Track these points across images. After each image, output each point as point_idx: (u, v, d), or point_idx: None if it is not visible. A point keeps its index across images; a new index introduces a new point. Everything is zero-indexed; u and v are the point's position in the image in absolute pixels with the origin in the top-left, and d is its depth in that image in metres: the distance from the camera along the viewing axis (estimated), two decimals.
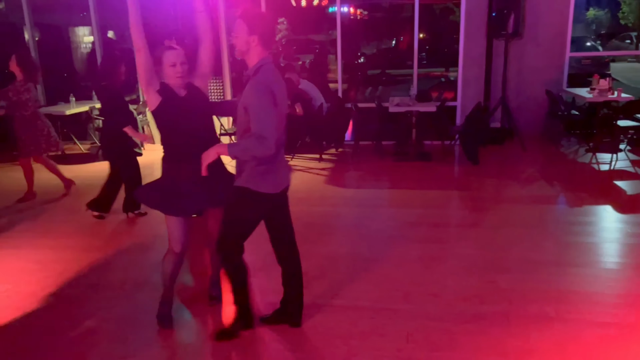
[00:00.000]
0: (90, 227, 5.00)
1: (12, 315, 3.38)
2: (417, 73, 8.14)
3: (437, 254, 4.11)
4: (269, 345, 2.99)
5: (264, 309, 3.30)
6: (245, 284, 2.98)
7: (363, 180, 6.43)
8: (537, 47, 7.76)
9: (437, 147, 7.39)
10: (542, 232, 4.50)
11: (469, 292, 3.48)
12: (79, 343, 3.07)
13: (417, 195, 5.61)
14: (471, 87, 8.01)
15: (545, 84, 7.74)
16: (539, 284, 3.55)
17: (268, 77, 2.60)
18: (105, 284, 3.81)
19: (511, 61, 7.75)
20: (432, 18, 15.18)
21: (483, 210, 5.14)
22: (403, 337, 2.99)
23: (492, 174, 6.39)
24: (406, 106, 6.92)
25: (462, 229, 4.70)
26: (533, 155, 7.02)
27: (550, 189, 5.71)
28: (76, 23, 14.55)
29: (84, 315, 3.37)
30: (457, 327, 3.08)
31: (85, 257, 4.26)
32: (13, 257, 4.34)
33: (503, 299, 3.36)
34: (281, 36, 14.92)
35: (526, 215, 4.90)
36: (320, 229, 4.76)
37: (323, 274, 3.81)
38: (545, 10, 7.64)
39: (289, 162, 7.11)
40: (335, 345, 2.94)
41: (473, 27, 7.80)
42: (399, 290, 3.54)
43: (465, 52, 7.94)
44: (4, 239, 4.75)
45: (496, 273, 3.73)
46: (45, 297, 3.62)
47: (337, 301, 3.41)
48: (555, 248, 4.16)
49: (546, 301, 3.32)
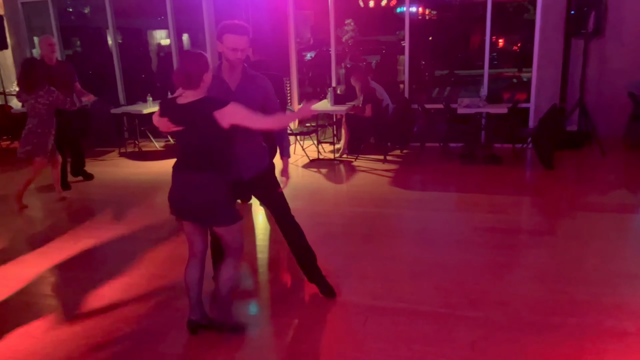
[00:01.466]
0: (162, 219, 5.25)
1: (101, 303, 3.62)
2: (487, 73, 7.89)
3: (507, 261, 3.97)
4: (332, 347, 3.01)
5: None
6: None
7: (429, 183, 6.32)
8: (620, 46, 7.30)
9: (508, 151, 7.13)
10: (621, 243, 4.23)
11: (540, 302, 3.33)
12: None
13: (486, 199, 5.44)
14: (546, 88, 7.65)
15: (629, 86, 7.27)
16: (617, 298, 3.34)
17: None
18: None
19: (591, 61, 7.34)
20: (505, 16, 14.64)
21: (557, 218, 4.91)
22: (468, 345, 2.92)
23: (568, 180, 6.09)
24: (476, 107, 6.73)
25: (534, 237, 4.51)
26: (613, 161, 6.61)
27: (631, 197, 5.36)
28: (154, 26, 15.32)
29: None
30: (526, 338, 2.96)
31: (158, 249, 4.47)
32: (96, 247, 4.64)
33: (577, 312, 3.19)
34: (348, 37, 14.96)
35: (605, 224, 4.62)
36: (383, 231, 4.73)
37: (386, 276, 3.78)
38: (629, 8, 7.17)
39: (353, 162, 7.12)
40: (399, 348, 2.91)
41: (550, 25, 7.45)
42: (465, 296, 3.45)
43: (541, 51, 7.61)
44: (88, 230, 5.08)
45: (570, 284, 3.55)
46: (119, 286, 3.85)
47: (400, 304, 3.38)
48: (634, 260, 3.89)
49: (625, 316, 3.12)
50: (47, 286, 3.93)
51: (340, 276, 3.73)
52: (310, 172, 6.87)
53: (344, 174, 6.77)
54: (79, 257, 4.41)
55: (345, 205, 5.55)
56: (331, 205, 5.56)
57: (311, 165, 7.19)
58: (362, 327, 3.15)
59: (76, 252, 4.48)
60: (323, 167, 7.06)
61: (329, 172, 6.81)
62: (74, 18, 12.44)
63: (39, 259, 4.37)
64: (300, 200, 5.72)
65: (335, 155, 7.51)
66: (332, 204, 5.61)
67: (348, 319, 3.26)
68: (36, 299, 3.69)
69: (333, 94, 7.53)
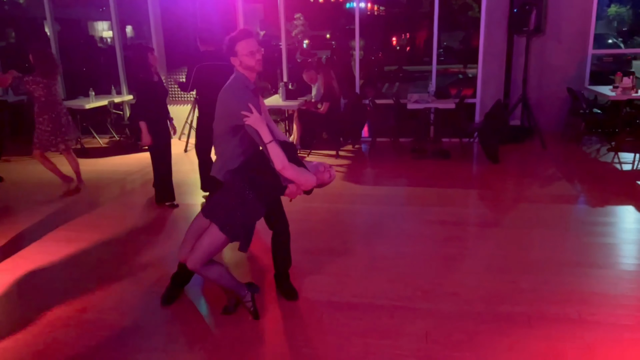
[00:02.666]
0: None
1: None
2: (435, 69, 8.05)
3: (457, 253, 4.07)
4: (286, 344, 2.99)
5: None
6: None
7: (380, 178, 6.39)
8: (559, 44, 7.64)
9: (456, 145, 7.32)
10: (563, 232, 4.43)
11: (489, 292, 3.44)
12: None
13: (436, 193, 5.56)
14: (491, 84, 7.90)
15: (567, 82, 7.62)
16: (561, 286, 3.49)
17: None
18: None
19: (532, 58, 7.63)
20: (450, 14, 15.03)
21: (503, 210, 5.08)
22: (422, 336, 2.96)
23: (512, 173, 6.31)
24: (425, 103, 6.86)
25: (482, 228, 4.64)
26: (554, 154, 6.92)
27: (572, 188, 5.62)
28: (95, 18, 14.73)
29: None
30: (478, 327, 3.04)
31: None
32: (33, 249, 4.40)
33: (524, 300, 3.32)
34: (297, 32, 14.92)
35: (547, 215, 4.83)
36: (337, 227, 4.74)
37: (341, 271, 3.79)
38: (567, 7, 7.51)
39: (305, 158, 7.09)
40: (353, 343, 2.93)
41: (494, 23, 7.69)
42: (418, 288, 3.51)
43: (485, 48, 7.84)
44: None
45: (517, 273, 3.68)
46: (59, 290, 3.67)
47: (354, 299, 3.40)
48: (576, 249, 4.09)
49: (568, 303, 3.26)
50: None
51: (295, 272, 3.70)
52: None
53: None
54: (16, 260, 4.17)
55: (297, 201, 5.48)
56: (283, 201, 5.50)
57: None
58: (318, 323, 3.14)
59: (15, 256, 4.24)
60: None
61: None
62: (8, 8, 11.76)
63: None
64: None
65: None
66: (284, 200, 5.55)
67: (304, 315, 3.25)
68: None
69: (285, 89, 7.47)
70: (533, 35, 7.39)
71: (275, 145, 2.81)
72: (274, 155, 2.80)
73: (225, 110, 2.92)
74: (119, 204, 5.52)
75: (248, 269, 3.93)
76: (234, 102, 2.85)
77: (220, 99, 2.94)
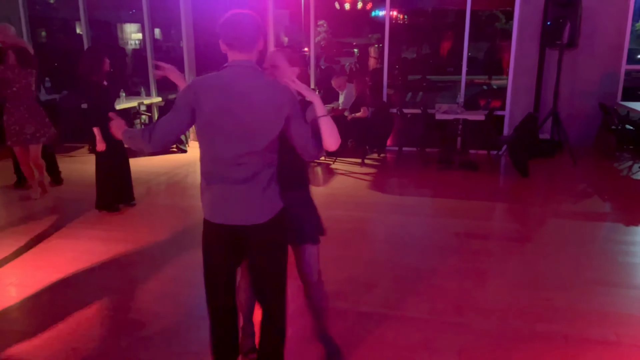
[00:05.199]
0: (140, 219, 5.09)
1: (58, 303, 3.46)
2: (465, 80, 7.99)
3: (488, 268, 4.00)
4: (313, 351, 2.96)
5: None
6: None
7: (406, 188, 6.35)
8: (592, 58, 7.53)
9: (483, 157, 7.23)
10: (596, 250, 4.33)
11: (523, 309, 3.37)
12: (128, 337, 3.11)
13: (463, 205, 5.49)
14: (521, 96, 7.81)
15: (599, 97, 7.50)
16: (597, 306, 3.41)
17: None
18: (155, 280, 3.86)
19: (564, 72, 7.53)
20: (476, 25, 14.94)
21: (532, 225, 5.00)
22: (455, 353, 2.91)
23: (542, 187, 6.22)
24: (454, 113, 6.80)
25: (512, 243, 4.57)
26: (584, 170, 6.79)
27: (603, 205, 5.51)
28: (125, 20, 14.95)
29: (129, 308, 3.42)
30: (512, 345, 2.98)
31: (134, 250, 4.33)
32: (66, 248, 4.45)
33: (560, 319, 3.24)
34: (320, 39, 14.97)
35: (578, 231, 4.73)
36: (361, 235, 4.71)
37: (367, 282, 3.76)
38: (601, 21, 7.40)
39: (331, 165, 7.08)
40: (386, 356, 2.89)
41: (526, 35, 7.61)
42: (449, 303, 3.46)
43: (517, 60, 7.75)
44: (60, 229, 4.87)
45: (551, 291, 3.60)
46: (91, 289, 3.70)
47: (384, 311, 3.35)
48: (610, 268, 3.99)
49: (605, 324, 3.18)
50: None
51: (324, 279, 3.67)
52: None
53: (322, 176, 6.73)
54: (50, 257, 4.22)
55: (324, 208, 5.43)
56: None
57: None
58: (348, 332, 3.10)
59: (49, 253, 4.30)
60: None
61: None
62: (39, 8, 12.02)
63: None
64: None
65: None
66: None
67: (333, 324, 3.22)
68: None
69: None
70: (566, 48, 7.28)
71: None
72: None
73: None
74: (146, 205, 5.56)
75: None
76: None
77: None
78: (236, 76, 2.14)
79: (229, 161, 2.16)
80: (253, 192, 2.20)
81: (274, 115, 2.14)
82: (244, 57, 2.16)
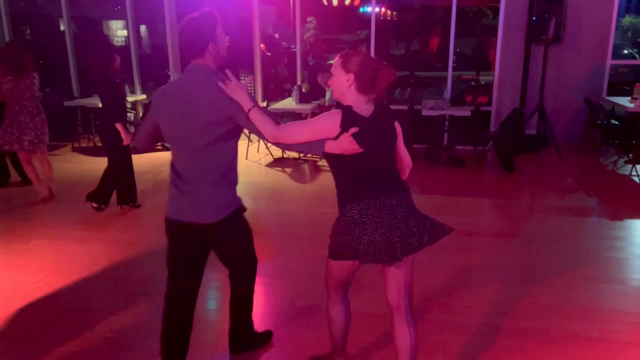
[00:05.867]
0: (122, 220, 5.02)
1: (42, 304, 3.40)
2: (451, 76, 7.98)
3: (472, 264, 3.99)
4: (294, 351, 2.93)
5: None
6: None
7: None
8: (577, 53, 7.55)
9: (469, 153, 7.23)
10: (580, 245, 4.34)
11: (507, 305, 3.36)
12: (106, 333, 3.06)
13: (450, 201, 5.49)
14: (507, 92, 7.83)
15: (584, 92, 7.53)
16: (580, 301, 3.41)
17: None
18: (133, 280, 3.80)
19: (549, 67, 7.55)
20: (464, 21, 14.94)
21: (518, 220, 5.00)
22: (439, 350, 2.90)
23: (528, 183, 6.23)
24: (440, 109, 6.79)
25: (497, 239, 4.56)
26: (570, 165, 6.82)
27: (588, 200, 5.53)
28: (110, 16, 14.77)
29: (110, 309, 3.37)
30: (496, 342, 2.97)
31: (115, 250, 4.27)
32: (48, 248, 4.37)
33: (544, 315, 3.24)
34: (309, 35, 14.91)
35: (563, 227, 4.74)
36: None
37: (353, 280, 3.72)
38: (586, 17, 7.42)
39: (317, 162, 7.04)
40: (369, 352, 2.86)
41: (512, 30, 7.62)
42: (433, 300, 3.44)
43: (502, 56, 7.76)
44: (40, 230, 4.79)
45: (535, 287, 3.60)
46: (74, 288, 3.63)
47: (367, 308, 3.33)
48: (594, 263, 4.00)
49: (589, 319, 3.18)
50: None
51: (311, 280, 3.64)
52: (274, 171, 6.75)
53: (308, 173, 6.69)
54: (33, 258, 4.15)
55: (311, 206, 5.47)
56: (296, 206, 5.47)
57: (275, 164, 7.08)
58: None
59: (30, 253, 4.22)
60: (287, 166, 6.95)
61: (294, 172, 6.71)
62: (23, 5, 11.82)
63: None
64: (265, 199, 5.63)
65: (300, 154, 7.42)
66: (297, 204, 5.52)
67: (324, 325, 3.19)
68: None
69: (298, 92, 7.44)
70: (551, 44, 7.30)
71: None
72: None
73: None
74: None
75: None
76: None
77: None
78: (187, 79, 2.28)
79: (180, 160, 2.30)
80: (201, 191, 2.28)
81: (215, 115, 2.20)
82: (198, 61, 2.28)
